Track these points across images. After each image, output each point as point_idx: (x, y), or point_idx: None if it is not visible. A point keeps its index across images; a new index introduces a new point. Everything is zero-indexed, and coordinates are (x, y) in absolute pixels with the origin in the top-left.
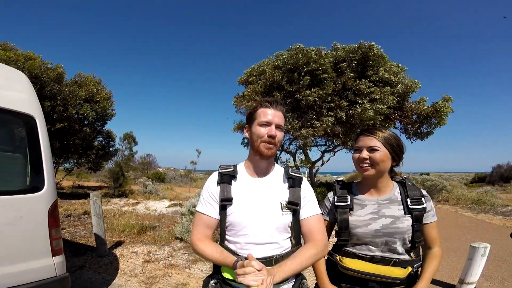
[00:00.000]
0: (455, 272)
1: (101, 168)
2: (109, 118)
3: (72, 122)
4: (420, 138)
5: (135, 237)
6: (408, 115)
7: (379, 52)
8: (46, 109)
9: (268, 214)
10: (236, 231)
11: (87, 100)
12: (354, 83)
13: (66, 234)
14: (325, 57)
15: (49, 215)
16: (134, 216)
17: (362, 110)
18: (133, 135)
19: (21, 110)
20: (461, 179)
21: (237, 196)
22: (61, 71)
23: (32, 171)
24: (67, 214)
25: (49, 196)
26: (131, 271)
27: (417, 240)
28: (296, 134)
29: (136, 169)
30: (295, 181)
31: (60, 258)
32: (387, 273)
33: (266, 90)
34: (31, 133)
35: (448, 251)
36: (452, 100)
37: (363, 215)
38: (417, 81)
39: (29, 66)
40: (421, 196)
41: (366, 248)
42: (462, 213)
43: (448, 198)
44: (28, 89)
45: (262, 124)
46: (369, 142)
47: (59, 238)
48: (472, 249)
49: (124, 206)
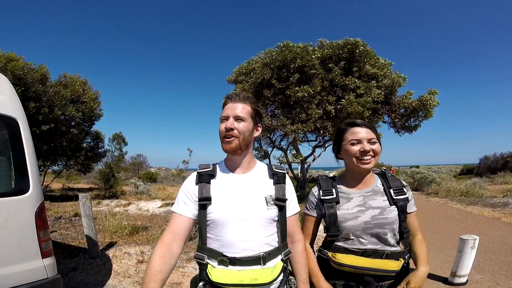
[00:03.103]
0: (446, 265)
1: (91, 169)
2: (97, 118)
3: (58, 123)
4: (408, 132)
5: (127, 238)
6: (395, 109)
7: (365, 48)
8: (31, 110)
9: (252, 209)
10: (218, 229)
11: (73, 101)
12: (341, 80)
13: (57, 237)
14: (313, 54)
15: (36, 217)
16: (126, 217)
17: (347, 103)
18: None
19: (3, 112)
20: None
21: (217, 194)
22: (45, 72)
23: (16, 174)
24: (58, 217)
25: (36, 198)
26: (124, 272)
27: (405, 230)
28: (285, 130)
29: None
30: (280, 178)
31: (51, 260)
32: (382, 266)
33: (255, 88)
34: (14, 135)
35: (439, 243)
36: (437, 93)
37: (350, 207)
38: (403, 76)
39: (12, 67)
40: (402, 186)
41: (358, 242)
42: (451, 206)
43: (437, 190)
44: (10, 92)
45: (222, 120)
46: (368, 135)
47: (48, 240)
48: (462, 242)
49: (116, 207)
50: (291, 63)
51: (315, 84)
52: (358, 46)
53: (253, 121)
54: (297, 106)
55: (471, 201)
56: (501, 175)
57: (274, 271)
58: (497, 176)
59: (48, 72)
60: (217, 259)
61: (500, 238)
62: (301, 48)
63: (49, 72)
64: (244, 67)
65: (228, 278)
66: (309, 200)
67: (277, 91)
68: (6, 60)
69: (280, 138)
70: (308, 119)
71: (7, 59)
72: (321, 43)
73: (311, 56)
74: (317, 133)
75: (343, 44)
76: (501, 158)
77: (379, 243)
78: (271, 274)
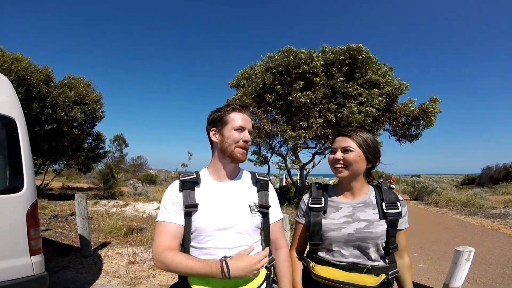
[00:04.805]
0: (441, 276)
1: (91, 169)
2: (99, 120)
3: (61, 124)
4: (409, 140)
5: (121, 239)
6: (396, 116)
7: (368, 54)
8: (35, 111)
9: (237, 216)
10: (203, 237)
11: (76, 102)
12: (342, 86)
13: (51, 235)
14: (317, 60)
15: (28, 215)
16: (122, 218)
17: (349, 112)
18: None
19: (1, 112)
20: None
21: (202, 201)
22: (49, 73)
23: (12, 172)
24: (54, 215)
25: (29, 197)
26: (114, 272)
27: (392, 246)
28: (286, 136)
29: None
30: (263, 185)
31: (39, 258)
32: (358, 281)
33: (257, 93)
34: (12, 135)
35: (435, 254)
36: (439, 101)
37: (337, 218)
38: (405, 83)
39: (16, 67)
40: (396, 200)
41: (339, 254)
42: (451, 216)
43: (437, 200)
44: (9, 92)
45: (237, 129)
46: (343, 143)
47: (38, 238)
48: (457, 253)
49: (113, 207)
50: (294, 68)
51: (318, 91)
52: (361, 52)
53: None
54: (299, 112)
55: (471, 212)
56: (503, 185)
57: (257, 278)
58: (499, 186)
59: (53, 73)
60: None
61: (498, 249)
62: (305, 54)
63: (53, 73)
64: (247, 72)
65: (210, 285)
66: (299, 208)
67: (279, 97)
68: (11, 60)
69: (280, 144)
70: (309, 126)
71: (13, 59)
72: (323, 48)
73: (315, 63)
74: (317, 140)
75: (346, 49)
76: (504, 169)
77: (360, 257)
78: (254, 282)
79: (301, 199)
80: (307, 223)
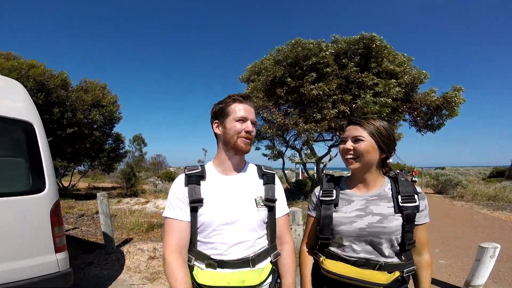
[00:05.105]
0: (463, 273)
1: (114, 169)
2: (117, 121)
3: (81, 126)
4: (431, 131)
5: (143, 235)
6: (417, 106)
7: (382, 43)
8: (56, 115)
9: (243, 211)
10: (209, 231)
11: (94, 105)
12: (356, 76)
13: (78, 233)
14: (326, 50)
15: (52, 214)
16: (143, 215)
17: (363, 103)
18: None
19: (20, 117)
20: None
21: (208, 195)
22: (65, 77)
23: (33, 174)
24: (81, 214)
25: (51, 196)
26: (135, 267)
27: (408, 242)
28: (298, 129)
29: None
30: (269, 178)
31: (63, 255)
32: (368, 278)
33: (267, 87)
34: (31, 138)
35: (458, 250)
36: (463, 90)
37: (348, 211)
38: (425, 72)
39: (33, 74)
40: (414, 193)
41: (350, 249)
42: (477, 210)
43: (463, 194)
44: (25, 98)
45: (239, 120)
46: (354, 132)
47: (62, 236)
48: (481, 250)
49: (135, 205)
50: (304, 60)
51: (330, 81)
52: (375, 40)
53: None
54: (312, 104)
55: (500, 206)
56: None
57: (262, 273)
58: None
59: (69, 78)
60: (204, 262)
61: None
62: (314, 45)
63: (69, 77)
64: (257, 65)
65: (215, 280)
66: (311, 200)
67: (290, 90)
68: (28, 67)
69: (294, 138)
70: (323, 118)
71: (29, 66)
72: (334, 38)
73: (324, 53)
74: (333, 132)
75: (358, 39)
76: None
77: (373, 253)
78: (259, 277)
79: (313, 192)
80: (318, 217)
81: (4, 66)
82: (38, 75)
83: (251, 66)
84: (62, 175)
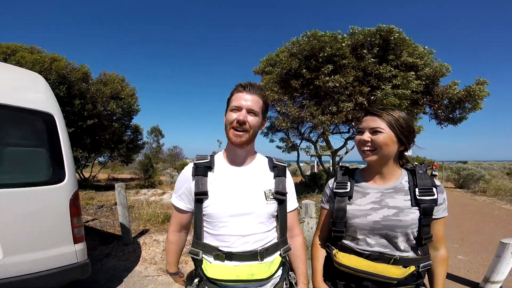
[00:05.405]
0: (482, 269)
1: (132, 160)
2: (135, 113)
3: (101, 118)
4: (453, 124)
5: (159, 226)
6: (438, 99)
7: (401, 35)
8: (77, 107)
9: (251, 204)
10: (216, 223)
11: (112, 97)
12: (374, 68)
13: (97, 224)
14: (342, 41)
15: (71, 205)
16: (160, 206)
17: (383, 94)
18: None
19: (41, 109)
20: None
21: (214, 187)
22: (86, 71)
23: (54, 164)
24: (100, 205)
25: (71, 187)
26: (151, 259)
27: (424, 236)
28: (315, 121)
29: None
30: (280, 171)
31: (81, 246)
32: (382, 272)
33: (282, 79)
34: (51, 129)
35: (478, 246)
36: (487, 83)
37: (363, 204)
38: (447, 65)
39: (56, 67)
40: (432, 186)
41: (364, 242)
42: (500, 206)
43: (485, 189)
44: (46, 90)
45: (233, 109)
46: (372, 123)
47: (81, 226)
48: (502, 246)
49: (152, 196)
50: (319, 52)
51: (347, 73)
52: (393, 33)
53: (263, 116)
54: (328, 97)
55: None
56: None
57: (271, 266)
58: None
59: (89, 71)
60: (212, 254)
61: None
62: (329, 37)
63: (89, 70)
64: (272, 58)
65: (224, 274)
66: (324, 192)
67: (306, 82)
68: (50, 60)
69: (309, 130)
70: (340, 111)
71: (51, 59)
72: (352, 30)
73: (340, 44)
74: (349, 125)
75: (376, 31)
76: None
77: (388, 247)
78: (268, 270)
79: (326, 184)
80: (331, 209)
81: (27, 59)
82: (60, 68)
83: (265, 58)
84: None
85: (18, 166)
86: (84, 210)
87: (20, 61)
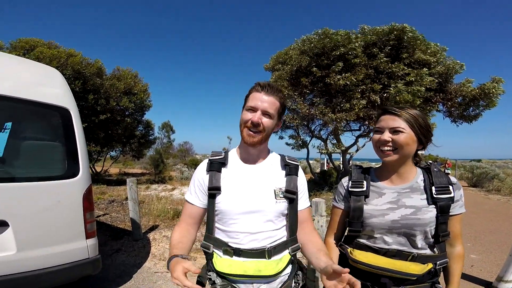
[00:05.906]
0: (496, 268)
1: (143, 155)
2: (147, 109)
3: (114, 113)
4: (467, 121)
5: (169, 222)
6: (452, 97)
7: (414, 34)
8: (90, 102)
9: (260, 202)
10: (226, 219)
11: (125, 93)
12: (387, 67)
13: (108, 219)
14: (356, 41)
15: (84, 199)
16: (170, 202)
17: (396, 91)
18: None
19: (57, 103)
20: None
21: (227, 183)
22: (100, 66)
23: (69, 158)
24: (111, 200)
25: (84, 181)
26: (160, 255)
27: (442, 233)
28: (325, 119)
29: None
30: (292, 169)
31: (93, 241)
32: (402, 269)
33: (292, 76)
34: (67, 124)
35: (491, 245)
36: (502, 81)
37: (380, 204)
38: (460, 63)
39: (72, 62)
40: (448, 183)
41: (381, 241)
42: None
43: (500, 187)
44: (63, 85)
45: (249, 109)
46: (392, 123)
47: (93, 221)
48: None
49: (162, 191)
50: (331, 51)
51: (358, 71)
52: (406, 32)
53: (278, 118)
54: (339, 94)
55: None
56: None
57: (279, 263)
58: None
59: (103, 66)
60: (222, 248)
61: None
62: (342, 36)
63: (103, 66)
64: (282, 55)
65: (232, 268)
66: (337, 191)
67: (316, 79)
68: (67, 56)
69: (320, 127)
70: (351, 108)
71: (68, 55)
72: (362, 29)
73: (354, 44)
74: (361, 122)
75: (389, 30)
76: None
77: (405, 244)
78: (276, 267)
79: (339, 183)
80: (346, 208)
81: (45, 54)
82: (76, 63)
83: (276, 55)
84: (95, 160)
85: (34, 160)
86: (96, 205)
87: (39, 56)
